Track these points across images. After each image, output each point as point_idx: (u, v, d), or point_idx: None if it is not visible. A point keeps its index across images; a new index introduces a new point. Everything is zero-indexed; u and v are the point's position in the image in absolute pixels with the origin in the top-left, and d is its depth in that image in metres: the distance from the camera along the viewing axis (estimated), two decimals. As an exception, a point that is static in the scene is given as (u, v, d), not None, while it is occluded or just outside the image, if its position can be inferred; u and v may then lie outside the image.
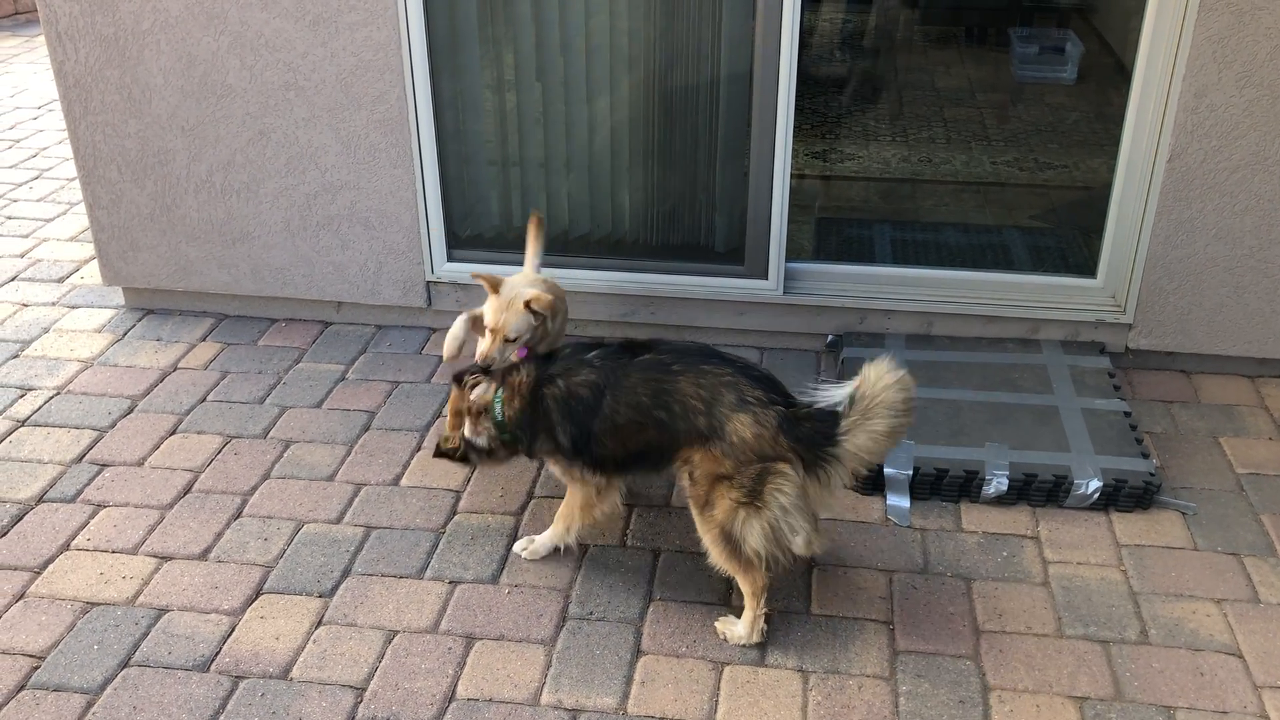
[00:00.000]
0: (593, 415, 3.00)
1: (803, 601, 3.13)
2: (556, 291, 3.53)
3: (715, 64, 4.03)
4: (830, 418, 2.83)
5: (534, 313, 3.30)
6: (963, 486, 3.50)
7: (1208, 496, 3.52)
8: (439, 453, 3.30)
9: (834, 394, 2.87)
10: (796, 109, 3.98)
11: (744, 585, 2.97)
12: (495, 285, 3.38)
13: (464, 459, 3.27)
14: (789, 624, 3.05)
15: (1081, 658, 2.93)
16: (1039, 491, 3.48)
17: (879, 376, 2.79)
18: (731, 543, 2.89)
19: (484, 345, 3.32)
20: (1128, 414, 3.75)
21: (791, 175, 4.10)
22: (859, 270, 4.32)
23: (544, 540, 3.28)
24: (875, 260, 4.61)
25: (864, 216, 5.12)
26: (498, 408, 3.13)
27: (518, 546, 3.31)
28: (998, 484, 3.48)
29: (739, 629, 2.98)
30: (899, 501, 3.49)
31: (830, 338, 4.31)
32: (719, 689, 2.85)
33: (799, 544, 2.87)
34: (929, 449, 3.57)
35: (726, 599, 3.13)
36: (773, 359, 4.30)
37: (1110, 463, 3.51)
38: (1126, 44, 4.69)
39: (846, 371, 3.99)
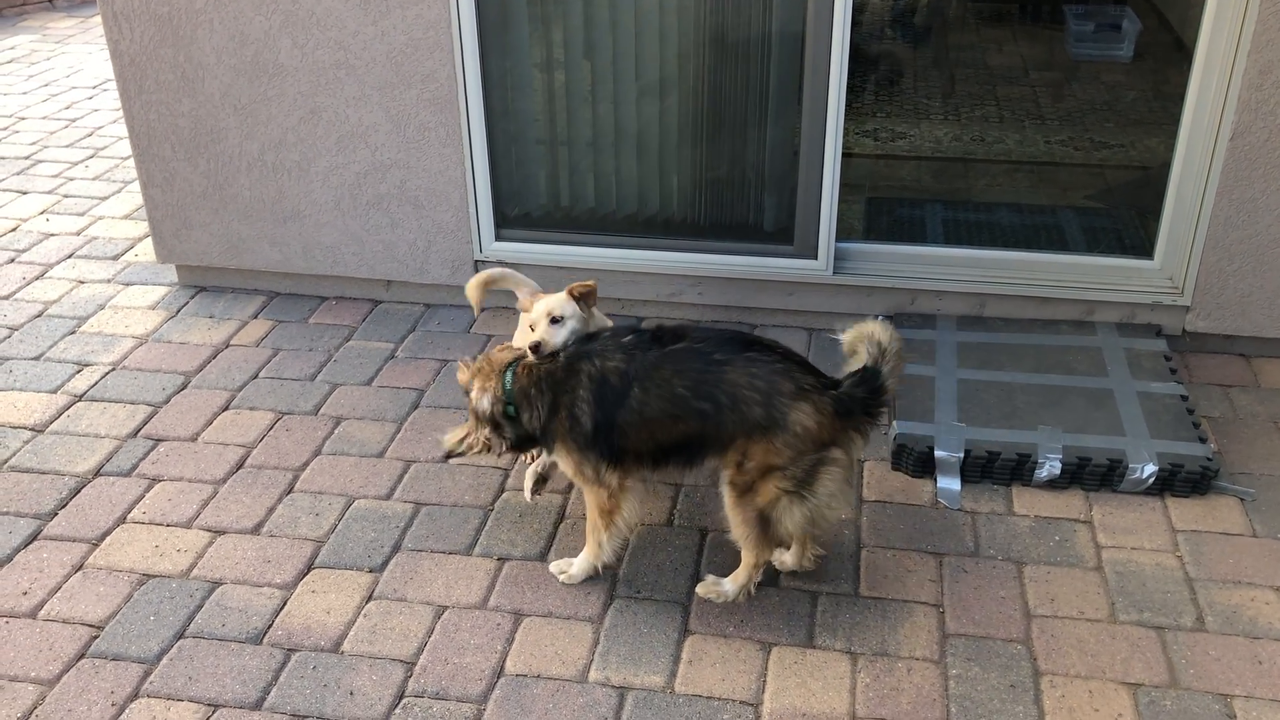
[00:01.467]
0: (619, 405, 2.87)
1: (851, 583, 3.11)
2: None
3: (766, 41, 4.00)
4: (871, 380, 2.83)
5: (576, 298, 3.07)
6: (1015, 469, 3.46)
7: (1267, 483, 3.45)
8: (449, 455, 3.14)
9: (854, 358, 2.93)
10: (847, 87, 3.93)
11: (751, 557, 2.98)
12: (528, 306, 3.15)
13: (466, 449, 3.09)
14: (837, 605, 3.03)
15: (1135, 644, 2.89)
16: (1092, 475, 3.43)
17: (870, 327, 2.88)
18: (766, 524, 2.87)
19: (536, 333, 3.05)
20: (1184, 398, 3.68)
21: (842, 154, 4.06)
22: (910, 250, 4.27)
23: (580, 565, 3.13)
24: (926, 240, 4.55)
25: (915, 196, 5.05)
26: (509, 376, 2.99)
27: (554, 569, 3.17)
28: (1050, 467, 3.43)
29: (727, 586, 3.03)
30: (950, 484, 3.45)
31: (880, 318, 4.27)
32: (766, 669, 2.85)
33: (833, 519, 2.93)
34: (981, 431, 3.53)
35: (774, 579, 3.12)
36: (821, 340, 4.27)
37: (1166, 447, 3.45)
38: (1187, 20, 4.59)
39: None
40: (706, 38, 4.04)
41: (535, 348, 2.99)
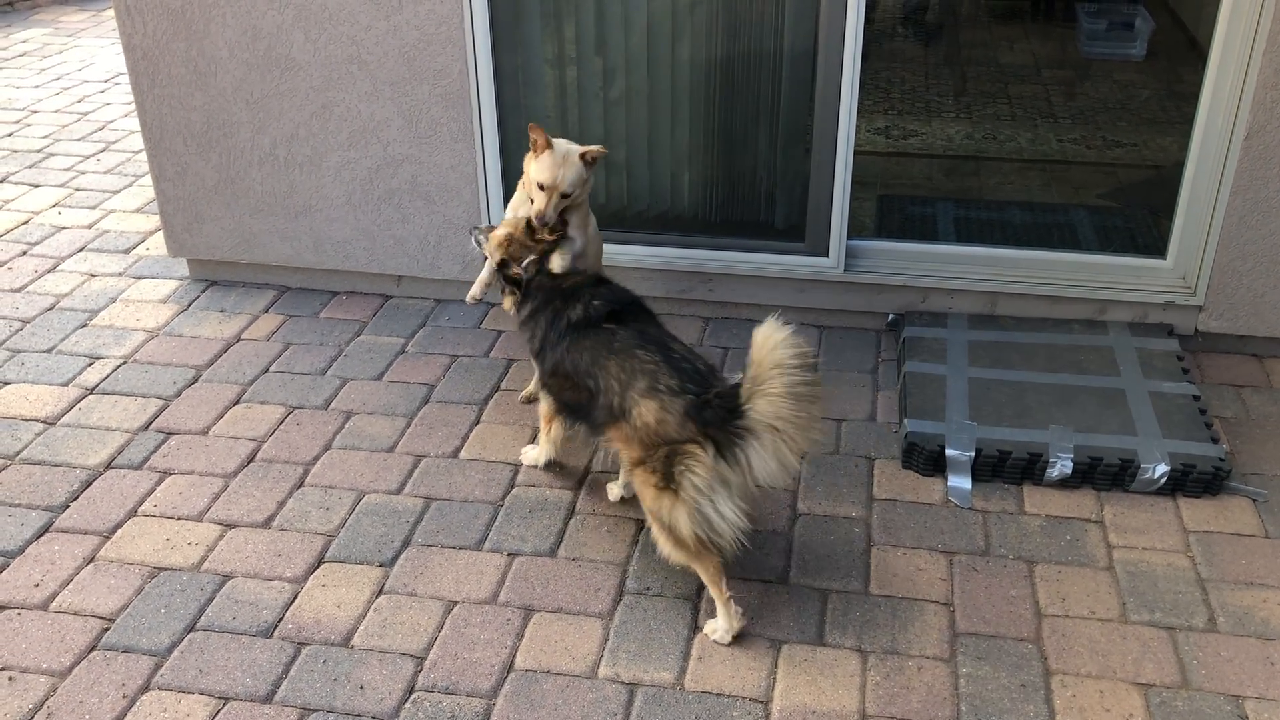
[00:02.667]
0: (555, 347, 3.17)
1: (861, 581, 3.11)
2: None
3: (779, 38, 3.99)
4: (734, 394, 2.76)
5: (588, 164, 3.45)
6: (1026, 469, 3.45)
7: (1279, 484, 3.44)
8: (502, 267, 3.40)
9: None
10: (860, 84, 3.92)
11: (700, 573, 2.91)
12: (549, 142, 3.45)
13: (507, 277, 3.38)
14: (848, 603, 3.03)
15: (1147, 644, 2.89)
16: (1104, 475, 3.42)
17: (765, 339, 2.70)
18: (668, 531, 2.85)
19: (539, 203, 3.39)
20: (1197, 398, 3.67)
21: (854, 151, 4.05)
22: (921, 248, 4.26)
23: (538, 453, 3.55)
24: (938, 238, 4.54)
25: (927, 194, 5.04)
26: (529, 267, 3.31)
27: (522, 453, 3.61)
28: (1062, 467, 3.42)
29: (719, 623, 2.92)
30: (960, 483, 3.45)
31: (891, 317, 4.27)
32: (776, 667, 2.84)
33: (725, 529, 2.79)
34: (992, 430, 3.52)
35: (784, 576, 3.12)
36: (832, 338, 4.26)
37: (1178, 447, 3.44)
38: (1200, 19, 4.57)
39: (908, 351, 3.95)
40: (719, 34, 4.04)
41: (544, 223, 3.36)
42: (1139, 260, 4.15)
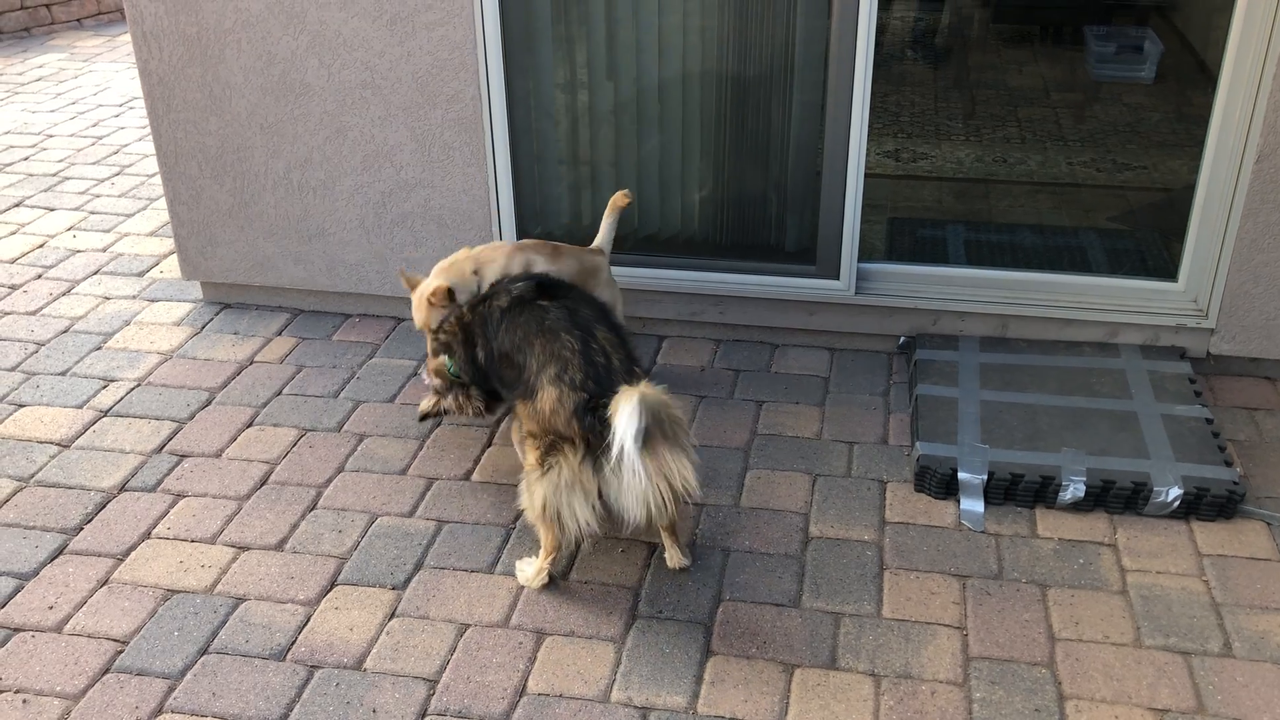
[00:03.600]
0: (495, 338, 3.26)
1: (874, 605, 3.10)
2: (495, 255, 3.70)
3: (789, 62, 4.01)
4: (600, 412, 2.89)
5: (433, 304, 3.58)
6: (1038, 492, 3.45)
7: (1294, 507, 3.43)
8: (423, 417, 3.68)
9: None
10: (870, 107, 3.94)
11: (541, 537, 3.15)
12: (413, 284, 3.71)
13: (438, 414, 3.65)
14: (860, 627, 3.03)
15: (1162, 669, 2.87)
16: (1117, 498, 3.41)
17: (617, 406, 2.76)
18: (529, 494, 3.07)
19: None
20: (1209, 421, 3.67)
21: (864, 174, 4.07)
22: (932, 271, 4.27)
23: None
24: (949, 261, 4.55)
25: (937, 216, 5.06)
26: (450, 365, 3.51)
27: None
28: (1074, 490, 3.42)
29: (528, 570, 3.19)
30: (973, 506, 3.44)
31: (902, 339, 4.27)
32: (789, 691, 2.84)
33: (569, 526, 2.99)
34: (1004, 453, 3.52)
35: (796, 600, 3.12)
36: (843, 360, 4.27)
37: (1191, 470, 3.43)
38: (1209, 43, 4.59)
39: (919, 374, 3.96)
40: (730, 58, 4.07)
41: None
42: (1150, 283, 4.15)
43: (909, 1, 6.96)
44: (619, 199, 3.83)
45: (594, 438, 2.90)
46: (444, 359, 3.50)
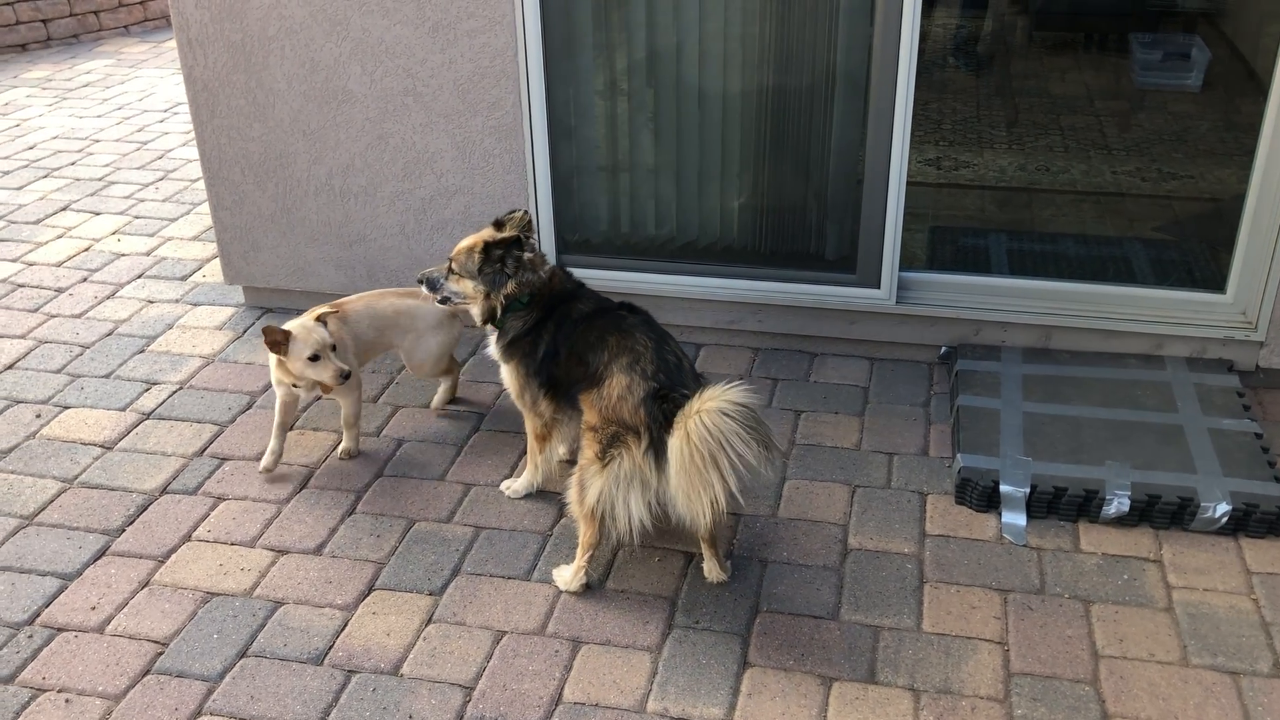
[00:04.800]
0: (571, 336, 3.23)
1: (914, 618, 3.07)
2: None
3: (830, 70, 3.99)
4: (671, 406, 2.91)
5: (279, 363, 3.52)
6: (1081, 506, 3.40)
7: (1345, 524, 3.35)
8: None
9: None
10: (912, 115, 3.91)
11: (581, 533, 3.15)
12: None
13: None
14: (900, 641, 2.99)
15: (1209, 689, 2.82)
16: (1162, 513, 3.36)
17: (724, 390, 2.80)
18: (581, 488, 3.08)
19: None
20: (1259, 435, 3.60)
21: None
22: (974, 280, 4.23)
23: (520, 483, 3.58)
24: (991, 271, 4.50)
25: (979, 225, 5.00)
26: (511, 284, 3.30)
27: (503, 486, 3.62)
28: (1119, 504, 3.36)
29: (565, 573, 3.19)
30: (1015, 519, 3.40)
31: (944, 349, 4.23)
32: (827, 704, 2.81)
33: (621, 522, 2.99)
34: (1046, 466, 3.48)
35: (835, 612, 3.09)
36: (883, 370, 4.23)
37: (1240, 485, 3.37)
38: (1259, 49, 4.51)
39: (961, 385, 3.91)
40: (770, 65, 4.05)
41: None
42: (1197, 295, 4.08)
43: (951, 8, 6.91)
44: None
45: (657, 429, 2.89)
46: (469, 283, 3.32)
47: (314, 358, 3.45)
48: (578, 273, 4.35)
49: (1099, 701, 2.79)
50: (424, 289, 3.44)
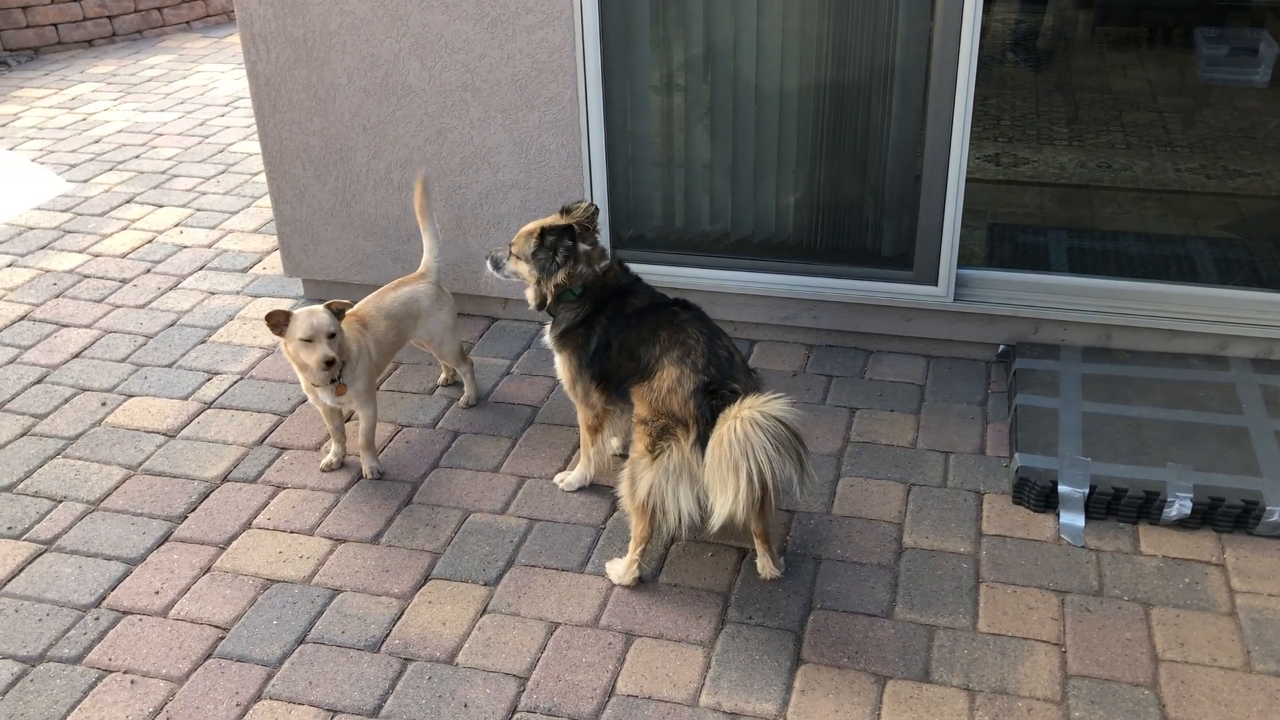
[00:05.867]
0: (620, 333, 3.24)
1: (970, 618, 3.04)
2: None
3: (889, 65, 3.96)
4: (721, 402, 2.91)
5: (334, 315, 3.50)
6: (1141, 507, 3.35)
7: None
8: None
9: None
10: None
11: (632, 527, 3.16)
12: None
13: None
14: (955, 640, 2.97)
15: (1274, 695, 2.76)
16: (1225, 517, 3.30)
17: (767, 400, 2.80)
18: (633, 482, 3.08)
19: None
20: (1326, 439, 3.52)
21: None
22: (1033, 278, 4.18)
23: (574, 476, 3.59)
24: (1050, 269, 4.45)
25: (1039, 223, 4.94)
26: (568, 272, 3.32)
27: (556, 479, 3.63)
28: (1180, 506, 3.31)
29: (618, 567, 3.21)
30: (1073, 520, 3.36)
31: (1002, 347, 4.18)
32: (881, 703, 2.80)
33: (671, 515, 3.01)
34: (1106, 467, 3.43)
35: (889, 611, 3.07)
36: (940, 368, 4.20)
37: (1307, 490, 3.30)
38: (1331, 45, 4.41)
39: (1019, 384, 3.87)
40: (828, 60, 4.03)
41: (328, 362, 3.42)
42: (1263, 294, 4.00)
43: (1011, 3, 6.82)
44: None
45: (704, 423, 2.89)
46: (525, 265, 3.36)
47: (307, 340, 3.40)
48: (632, 268, 4.39)
49: (1159, 706, 2.75)
50: (489, 265, 3.50)
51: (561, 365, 3.44)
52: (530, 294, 3.42)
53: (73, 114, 7.51)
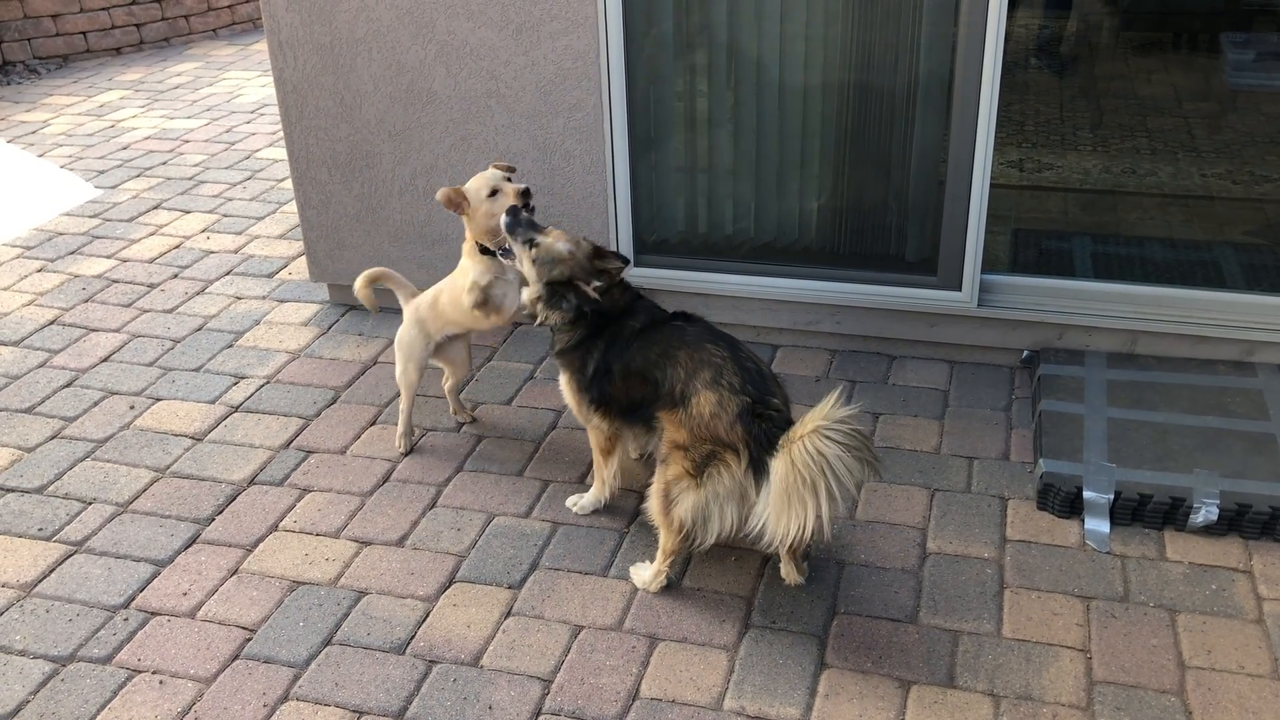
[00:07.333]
0: (620, 357, 3.18)
1: (994, 623, 3.03)
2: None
3: (913, 70, 3.96)
4: (786, 417, 2.90)
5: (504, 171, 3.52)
6: (1167, 514, 3.33)
7: None
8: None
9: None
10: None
11: (662, 540, 3.14)
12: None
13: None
14: (979, 645, 2.96)
15: (1301, 703, 2.75)
16: (1253, 523, 3.28)
17: (827, 409, 2.77)
18: (667, 500, 3.03)
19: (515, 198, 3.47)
20: (1355, 445, 3.50)
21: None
22: (1058, 284, 4.16)
23: (588, 499, 3.54)
24: (1075, 274, 4.43)
25: (1063, 228, 4.93)
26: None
27: (569, 502, 3.57)
28: (1207, 513, 3.29)
29: (645, 574, 3.21)
30: (1098, 526, 3.34)
31: (1026, 353, 4.18)
32: (905, 707, 2.79)
33: (711, 533, 2.98)
34: (1132, 473, 3.42)
35: (914, 616, 3.07)
36: (964, 373, 4.19)
37: (1335, 497, 3.28)
38: (1360, 49, 4.38)
39: (1043, 389, 3.86)
40: (852, 65, 4.03)
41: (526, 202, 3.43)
42: (1291, 300, 3.98)
43: (1034, 8, 6.80)
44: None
45: (757, 447, 2.85)
46: (532, 272, 3.27)
47: (493, 193, 3.45)
48: (655, 273, 4.41)
49: (1185, 713, 2.74)
50: (506, 218, 3.34)
51: (563, 385, 3.39)
52: (526, 295, 3.35)
53: (101, 121, 7.60)
